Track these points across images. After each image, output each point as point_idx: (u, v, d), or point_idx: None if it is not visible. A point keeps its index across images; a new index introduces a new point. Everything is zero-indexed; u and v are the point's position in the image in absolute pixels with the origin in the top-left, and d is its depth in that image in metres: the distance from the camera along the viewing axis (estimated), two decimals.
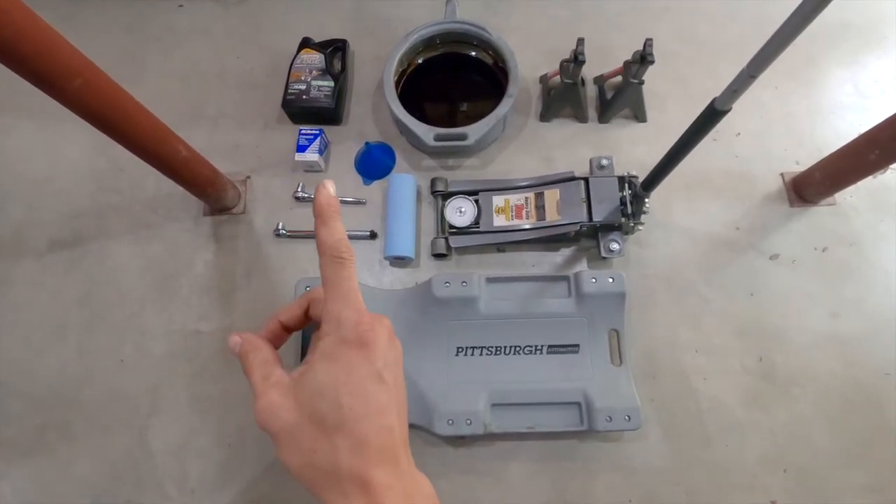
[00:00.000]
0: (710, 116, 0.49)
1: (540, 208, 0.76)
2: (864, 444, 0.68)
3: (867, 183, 0.77)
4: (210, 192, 0.76)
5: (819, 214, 0.79)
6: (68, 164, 0.86)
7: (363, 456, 0.27)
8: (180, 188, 0.73)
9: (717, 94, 0.48)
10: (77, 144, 0.87)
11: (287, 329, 0.35)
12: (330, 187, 0.31)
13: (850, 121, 0.84)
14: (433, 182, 0.80)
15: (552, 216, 0.75)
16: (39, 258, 0.81)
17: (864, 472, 0.67)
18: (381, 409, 0.28)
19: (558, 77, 0.81)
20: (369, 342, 0.29)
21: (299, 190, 0.82)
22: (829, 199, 0.79)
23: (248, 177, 0.85)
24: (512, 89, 0.80)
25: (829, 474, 0.67)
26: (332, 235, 0.30)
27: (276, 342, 0.34)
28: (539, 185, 0.78)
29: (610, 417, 0.65)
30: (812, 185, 0.78)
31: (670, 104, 0.86)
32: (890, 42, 0.90)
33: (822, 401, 0.70)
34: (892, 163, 0.69)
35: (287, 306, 0.35)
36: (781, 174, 0.82)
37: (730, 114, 0.49)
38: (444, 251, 0.77)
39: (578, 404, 0.67)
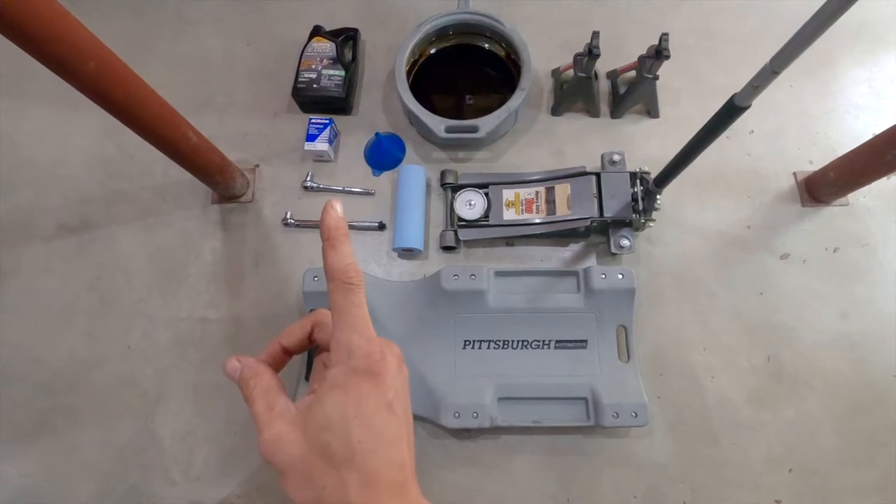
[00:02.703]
0: (730, 112, 0.49)
1: (550, 203, 0.76)
2: (871, 445, 0.68)
3: (881, 184, 0.77)
4: (219, 179, 0.75)
5: (831, 214, 0.79)
6: (77, 150, 0.86)
7: (373, 491, 0.26)
8: (189, 175, 0.72)
9: (732, 90, 0.48)
10: (86, 130, 0.87)
11: (288, 352, 0.33)
12: (338, 207, 0.30)
13: (865, 121, 0.83)
14: (443, 174, 0.80)
15: (562, 211, 0.75)
16: (48, 243, 0.81)
17: (871, 473, 0.67)
18: (392, 442, 0.27)
19: (571, 71, 0.80)
20: (380, 372, 0.28)
21: (308, 179, 0.81)
22: (842, 200, 0.79)
23: (257, 165, 0.84)
24: (524, 82, 0.79)
25: (834, 474, 0.67)
26: (341, 260, 0.29)
27: (276, 366, 0.32)
28: (550, 180, 0.77)
29: (617, 413, 0.65)
30: (825, 185, 0.77)
31: (684, 99, 0.85)
32: None
33: (829, 401, 0.70)
34: None
35: (289, 329, 0.33)
36: (794, 173, 0.81)
37: (744, 112, 0.48)
38: (452, 244, 0.76)
39: (585, 400, 0.67)
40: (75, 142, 0.87)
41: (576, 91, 0.81)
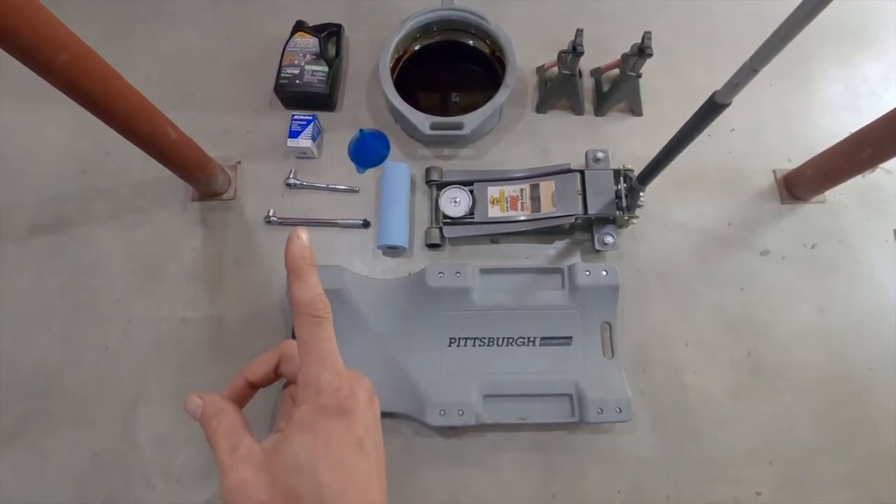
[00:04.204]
0: (710, 110, 0.49)
1: (535, 200, 0.76)
2: (847, 437, 0.70)
3: (857, 181, 0.78)
4: (199, 176, 0.74)
5: (809, 212, 0.80)
6: (51, 146, 0.84)
7: None
8: (168, 172, 0.71)
9: (714, 89, 0.48)
10: (61, 125, 0.85)
11: (254, 386, 0.32)
12: (303, 236, 0.28)
13: (842, 120, 0.85)
14: (428, 171, 0.79)
15: (547, 208, 0.75)
16: (21, 243, 0.78)
17: (847, 464, 0.69)
18: (363, 483, 0.26)
19: (556, 68, 0.80)
20: (350, 408, 0.26)
21: (291, 177, 0.80)
22: (820, 197, 0.80)
23: (239, 162, 0.83)
24: (509, 79, 0.79)
25: (812, 466, 0.69)
26: (307, 291, 0.28)
27: (241, 401, 0.31)
28: (535, 177, 0.78)
29: (601, 409, 0.65)
30: (803, 183, 0.79)
31: (666, 99, 0.86)
32: (882, 43, 0.91)
33: (807, 394, 0.71)
34: (882, 162, 0.70)
35: (254, 362, 0.32)
36: (774, 171, 0.82)
37: (725, 110, 0.49)
38: (437, 241, 0.76)
39: (570, 396, 0.67)
40: (49, 137, 0.84)
41: (560, 89, 0.81)
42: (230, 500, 0.25)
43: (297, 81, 0.82)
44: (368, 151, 0.83)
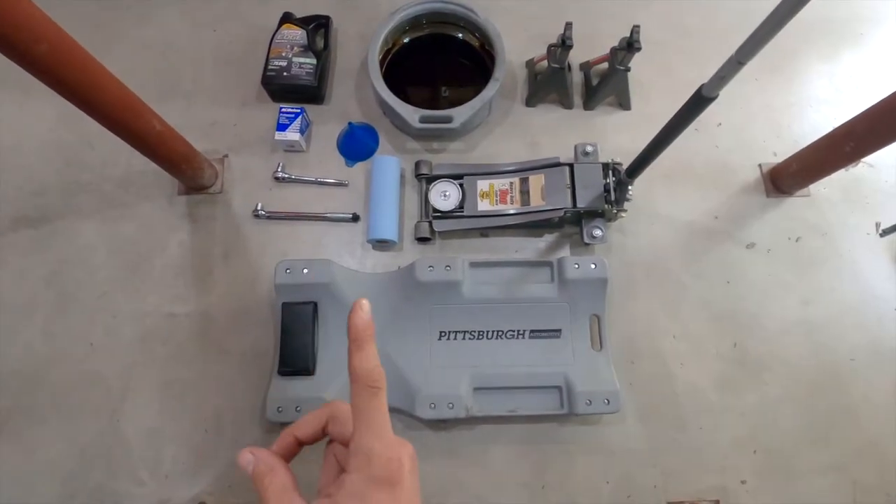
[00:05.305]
0: (697, 103, 0.50)
1: (525, 193, 0.76)
2: (829, 426, 0.71)
3: (840, 175, 0.80)
4: (185, 169, 0.73)
5: (794, 205, 0.81)
6: (33, 138, 0.82)
7: None
8: (153, 166, 0.70)
9: (701, 83, 0.48)
10: (43, 117, 0.83)
11: (300, 444, 0.33)
12: (366, 307, 0.29)
13: (826, 114, 0.86)
14: (417, 165, 0.79)
15: (536, 202, 0.75)
16: (2, 236, 0.77)
17: (829, 453, 0.70)
18: None
19: (545, 62, 0.80)
20: (398, 481, 0.28)
21: (279, 170, 0.79)
22: (804, 191, 0.82)
23: (226, 155, 0.82)
24: (498, 73, 0.79)
25: (796, 455, 0.70)
26: (366, 362, 0.29)
27: (288, 457, 0.32)
28: (524, 171, 0.78)
29: (590, 401, 0.66)
30: (788, 177, 0.80)
31: (655, 93, 0.87)
32: (866, 39, 0.92)
33: (790, 385, 0.73)
34: (865, 156, 0.71)
35: (304, 420, 0.33)
36: (759, 165, 0.83)
37: (711, 104, 0.49)
38: (427, 235, 0.76)
39: (559, 388, 0.68)
40: (30, 129, 0.82)
41: (549, 82, 0.81)
42: None
43: (285, 74, 0.81)
44: (357, 145, 0.82)
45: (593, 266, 0.70)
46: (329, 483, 0.31)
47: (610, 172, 0.74)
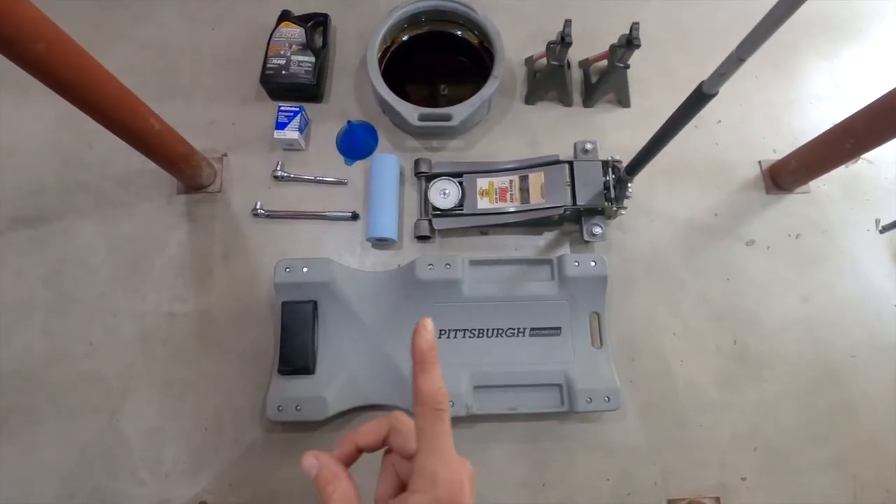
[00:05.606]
0: (697, 100, 0.50)
1: (524, 191, 0.76)
2: (829, 423, 0.71)
3: (840, 172, 0.80)
4: (184, 169, 0.73)
5: (793, 202, 0.81)
6: (31, 138, 0.82)
7: None
8: (152, 165, 0.70)
9: (701, 80, 0.48)
10: (40, 116, 0.83)
11: (360, 451, 0.33)
12: (430, 327, 0.29)
13: (826, 111, 0.86)
14: (417, 163, 0.79)
15: (536, 199, 0.75)
16: (1, 235, 0.77)
17: (829, 449, 0.70)
18: None
19: (544, 59, 0.80)
20: (461, 503, 0.28)
21: (278, 169, 0.79)
22: (804, 188, 0.81)
23: (225, 154, 0.82)
24: (497, 70, 0.79)
25: (796, 452, 0.70)
26: (432, 384, 0.29)
27: (348, 463, 0.33)
28: (524, 168, 0.77)
29: (590, 399, 0.66)
30: (788, 174, 0.80)
31: (654, 90, 0.87)
32: (865, 35, 0.92)
33: (790, 382, 0.73)
34: (864, 152, 0.71)
35: (366, 428, 0.33)
36: (759, 162, 0.83)
37: (711, 101, 0.49)
38: (427, 233, 0.76)
39: (559, 386, 0.68)
40: (28, 128, 0.82)
41: (549, 80, 0.81)
42: None
43: (284, 72, 0.81)
44: (357, 143, 0.82)
45: (593, 264, 0.70)
46: (387, 493, 0.31)
47: (609, 170, 0.74)
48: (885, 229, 0.79)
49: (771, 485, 0.69)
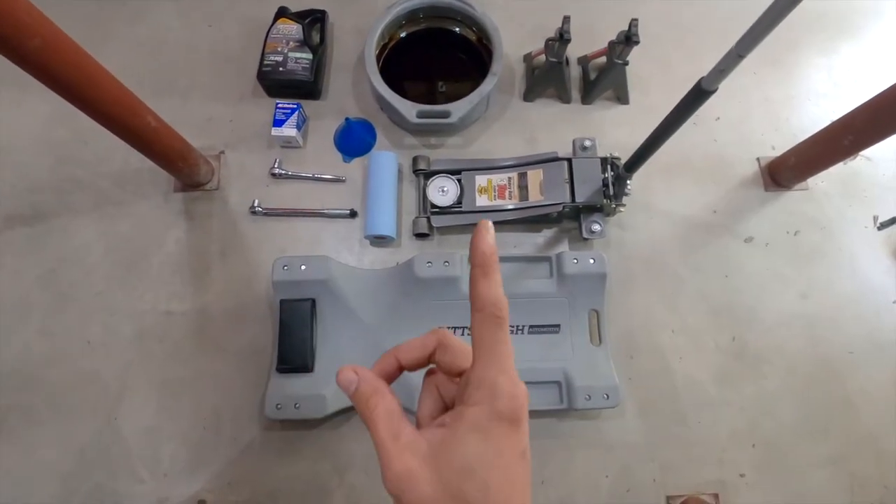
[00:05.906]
0: (697, 96, 0.50)
1: (523, 188, 0.76)
2: (828, 419, 0.71)
3: (838, 169, 0.80)
4: (181, 166, 0.72)
5: (792, 199, 0.81)
6: (27, 135, 0.81)
7: None
8: (149, 162, 0.69)
9: (700, 77, 0.48)
10: (35, 113, 0.82)
11: (401, 369, 0.31)
12: (492, 230, 0.27)
13: (825, 107, 0.86)
14: (415, 160, 0.79)
15: (535, 196, 0.75)
16: None
17: (827, 445, 0.70)
18: (524, 490, 0.27)
19: (543, 56, 0.80)
20: (521, 418, 0.26)
21: (276, 166, 0.79)
22: (802, 184, 0.81)
23: (222, 152, 0.81)
24: (496, 67, 0.78)
25: (794, 448, 0.70)
26: (493, 290, 0.27)
27: (388, 381, 0.30)
28: (522, 165, 0.77)
29: (589, 396, 0.66)
30: (786, 170, 0.80)
31: (653, 87, 0.86)
32: (864, 32, 0.92)
33: (789, 378, 0.73)
34: (863, 149, 0.71)
35: (409, 343, 0.30)
36: (758, 159, 0.83)
37: (710, 98, 0.49)
38: (425, 231, 0.76)
39: (558, 383, 0.68)
40: (23, 126, 0.82)
41: (547, 76, 0.81)
42: (395, 489, 0.25)
43: (281, 69, 0.81)
44: (354, 140, 0.82)
45: (592, 261, 0.70)
46: (430, 415, 0.30)
47: (608, 167, 0.74)
48: (883, 226, 0.80)
49: (769, 481, 0.69)
